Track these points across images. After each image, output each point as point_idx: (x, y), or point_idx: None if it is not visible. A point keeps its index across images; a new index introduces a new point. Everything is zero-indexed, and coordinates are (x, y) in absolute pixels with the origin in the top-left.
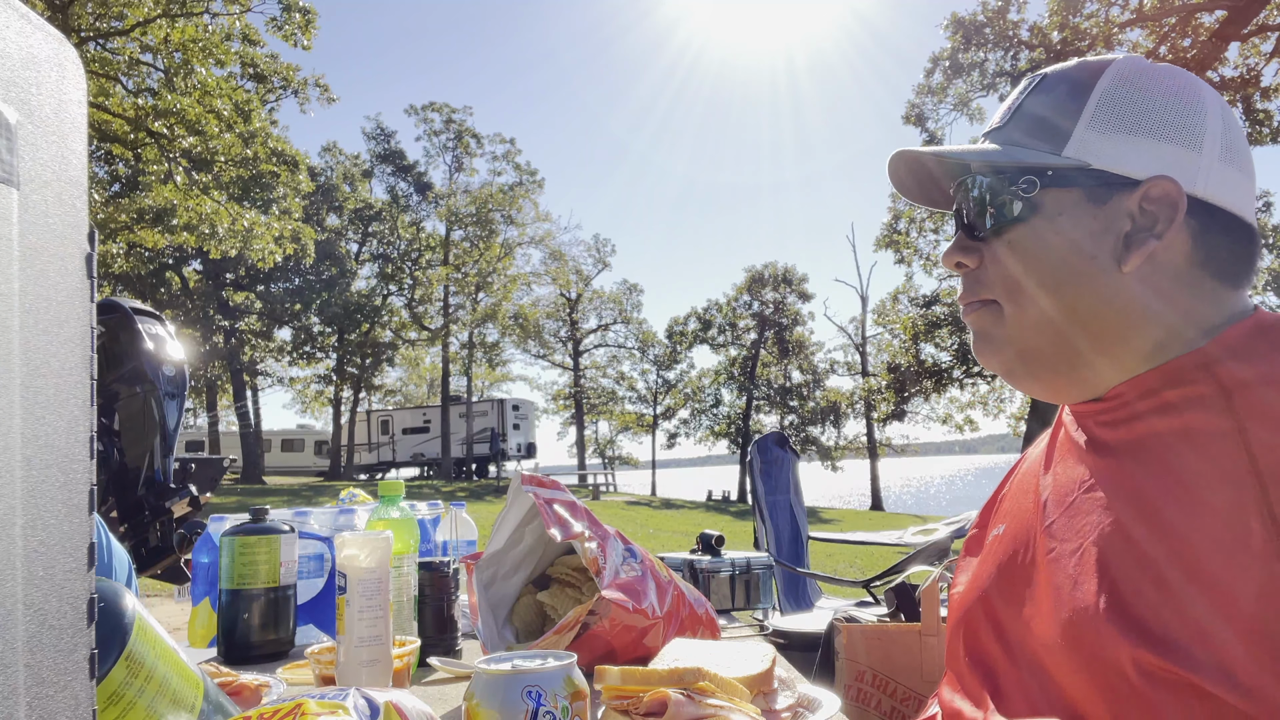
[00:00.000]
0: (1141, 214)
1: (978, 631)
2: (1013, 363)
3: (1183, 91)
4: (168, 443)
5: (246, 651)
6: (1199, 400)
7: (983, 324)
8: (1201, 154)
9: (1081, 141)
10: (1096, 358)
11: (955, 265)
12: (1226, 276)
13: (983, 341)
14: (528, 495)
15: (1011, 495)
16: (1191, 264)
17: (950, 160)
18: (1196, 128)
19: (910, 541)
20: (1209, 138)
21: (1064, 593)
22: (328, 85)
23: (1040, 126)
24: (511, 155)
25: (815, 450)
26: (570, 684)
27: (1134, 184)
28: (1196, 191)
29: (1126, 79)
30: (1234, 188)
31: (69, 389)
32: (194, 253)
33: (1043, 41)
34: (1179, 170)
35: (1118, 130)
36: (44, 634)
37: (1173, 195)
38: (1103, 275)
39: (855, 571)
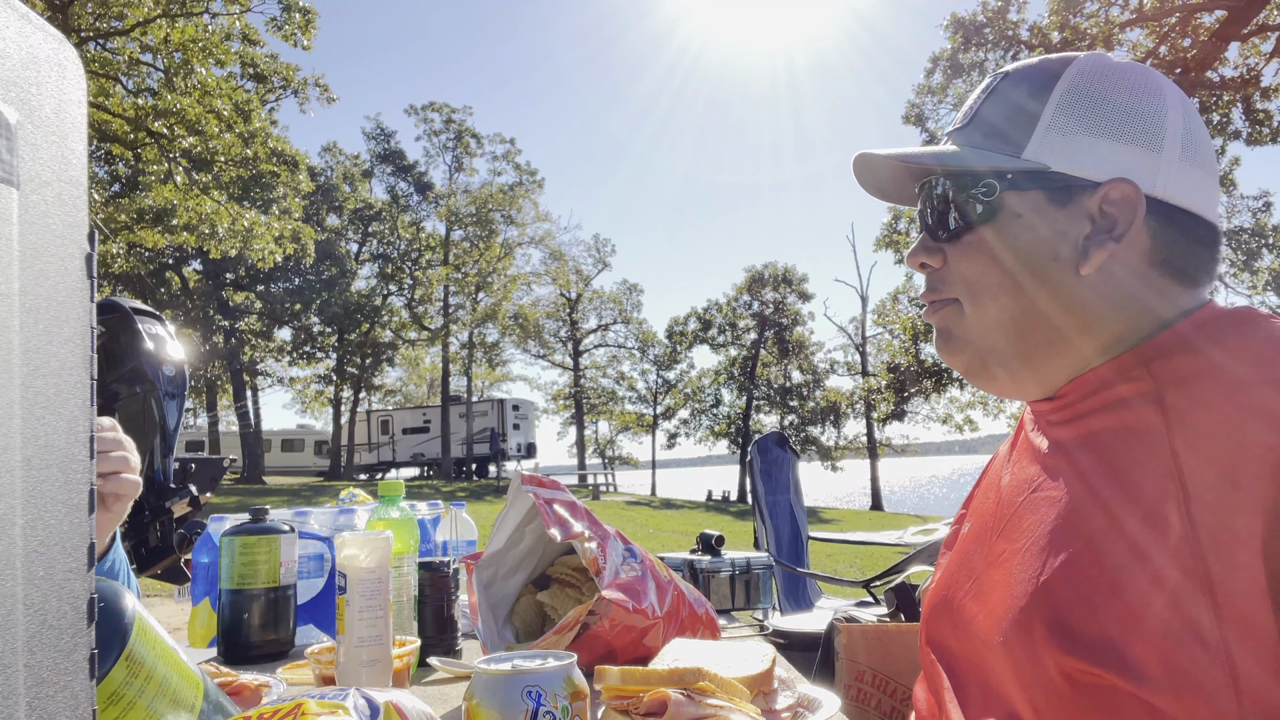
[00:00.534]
0: (1101, 216)
1: (941, 627)
2: (972, 361)
3: (1143, 91)
4: (168, 443)
5: (246, 651)
6: (1136, 398)
7: (945, 322)
8: (1161, 154)
9: (1041, 143)
10: (1052, 357)
11: (919, 266)
12: (1184, 275)
13: (944, 340)
14: (528, 495)
15: (979, 492)
16: (1150, 264)
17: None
18: (1156, 127)
19: (910, 541)
20: (1169, 137)
21: (1004, 594)
22: (328, 85)
23: (1000, 128)
24: (511, 155)
25: (815, 450)
26: (570, 684)
27: (1094, 186)
28: (1156, 192)
29: (1086, 79)
30: (1195, 187)
31: (69, 389)
32: (194, 253)
33: (1043, 41)
34: (1138, 171)
35: (1077, 132)
36: (44, 634)
37: (1131, 198)
38: (1061, 277)
39: (855, 571)
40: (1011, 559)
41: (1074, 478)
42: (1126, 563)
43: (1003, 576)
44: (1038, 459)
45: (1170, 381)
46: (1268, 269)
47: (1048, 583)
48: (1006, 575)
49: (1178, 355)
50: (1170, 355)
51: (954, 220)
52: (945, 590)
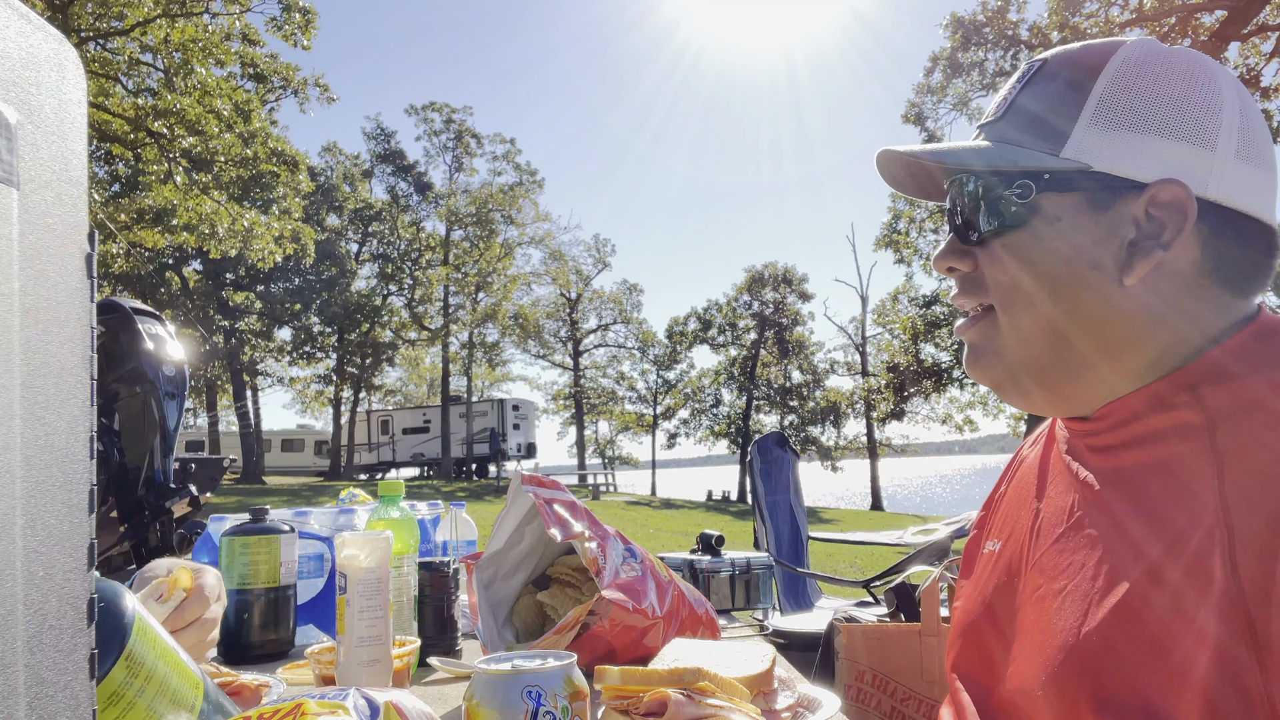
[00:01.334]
0: (1148, 220)
1: (972, 658)
2: (1003, 376)
3: (1196, 82)
4: (168, 443)
5: (246, 651)
6: (1183, 429)
7: (976, 337)
8: (1215, 152)
9: (1081, 141)
10: (1090, 373)
11: (948, 270)
12: (1237, 284)
13: (975, 354)
14: (528, 495)
15: (1007, 508)
16: (1200, 273)
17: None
18: (1210, 123)
19: (910, 541)
20: (1224, 133)
21: (1042, 640)
22: (328, 85)
23: (1037, 123)
24: (511, 155)
25: (815, 450)
26: (570, 684)
27: (1140, 187)
28: (1209, 194)
29: (1132, 69)
30: (1252, 187)
31: (69, 389)
32: (194, 253)
33: (1042, 41)
34: (1189, 171)
35: (1122, 128)
36: (44, 634)
37: (1181, 200)
38: (1103, 286)
39: (855, 571)
40: (1050, 601)
41: (1115, 518)
42: (1169, 621)
43: (1041, 619)
44: (1075, 487)
45: (1222, 415)
46: None
47: (1088, 638)
48: (1045, 619)
49: (1228, 381)
50: (1220, 380)
51: (986, 222)
52: (977, 617)
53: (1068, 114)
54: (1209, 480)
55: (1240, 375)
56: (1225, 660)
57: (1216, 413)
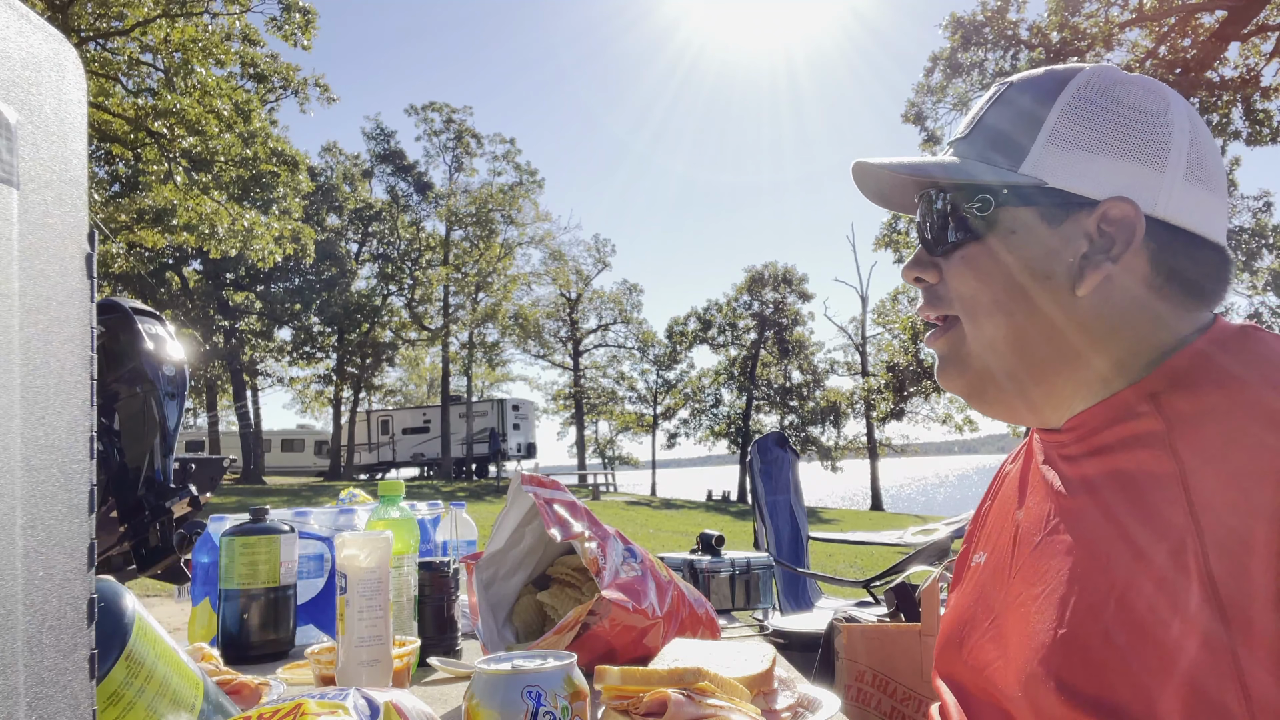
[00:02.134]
0: (1100, 235)
1: (956, 663)
2: (972, 385)
3: (1148, 106)
4: (168, 443)
5: (246, 651)
6: (1146, 438)
7: (944, 348)
8: (1164, 173)
9: (1039, 158)
10: (1051, 382)
11: (914, 280)
12: (1189, 298)
13: (943, 364)
14: (528, 495)
15: (993, 520)
16: (1149, 286)
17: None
18: (1160, 145)
19: (910, 541)
20: (1174, 155)
21: (1022, 643)
22: (328, 85)
23: (999, 140)
24: (511, 155)
25: (815, 450)
26: (570, 684)
27: (1092, 204)
28: (1156, 212)
29: (1089, 92)
30: (1198, 207)
31: (69, 389)
32: (194, 253)
33: (1042, 41)
34: (1139, 190)
35: (1077, 148)
36: (44, 634)
37: (1130, 218)
38: (1056, 296)
39: (855, 571)
40: (1029, 605)
41: (1089, 524)
42: (1145, 621)
43: (1021, 624)
44: (1051, 496)
45: (1181, 421)
46: (1268, 269)
47: (1061, 639)
48: (1025, 624)
49: (1186, 388)
50: (1178, 388)
51: (950, 234)
52: (962, 626)
53: (1027, 133)
54: (1174, 484)
55: (1197, 383)
56: (1202, 655)
57: (1176, 419)
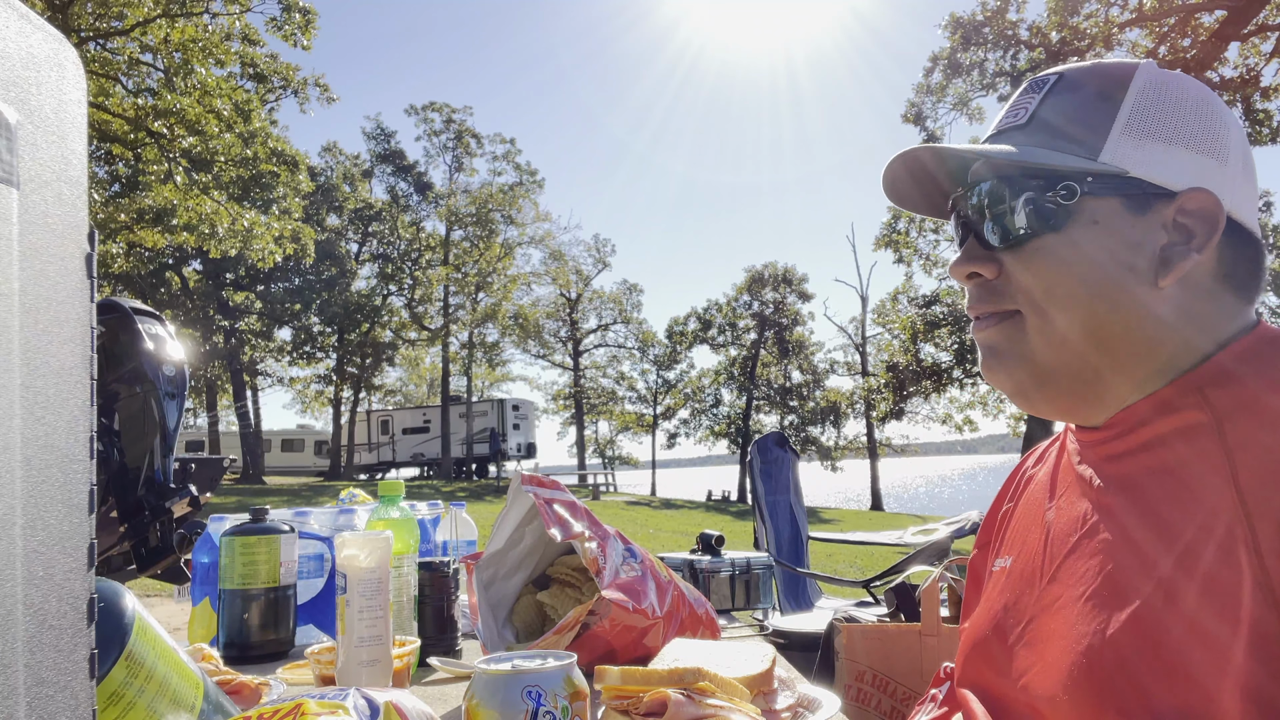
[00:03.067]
0: (1175, 227)
1: (983, 670)
2: (1027, 381)
3: (1208, 102)
4: (168, 443)
5: (246, 651)
6: (1194, 430)
7: (999, 338)
8: (1227, 166)
9: (1118, 147)
10: (1114, 376)
11: (967, 276)
12: (1243, 290)
13: (996, 358)
14: (528, 495)
15: (1018, 522)
16: (1216, 278)
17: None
18: (1223, 139)
19: (910, 541)
20: (1233, 150)
21: (1063, 646)
22: (328, 85)
23: (1070, 129)
24: (511, 155)
25: (815, 450)
26: (570, 684)
27: (1169, 195)
28: (1224, 205)
29: (1157, 85)
30: (1249, 201)
31: (69, 389)
32: (194, 253)
33: (1042, 41)
34: (1210, 182)
35: (1152, 138)
36: (44, 634)
37: (1211, 209)
38: (1138, 290)
39: (855, 571)
40: (1069, 607)
41: (1133, 523)
42: (1197, 620)
43: (1060, 626)
44: (1088, 494)
45: (1228, 412)
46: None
47: (1113, 641)
48: (1065, 626)
49: (1233, 382)
50: (1225, 382)
51: (1022, 225)
52: (989, 631)
53: (1100, 123)
54: (1223, 477)
55: (1245, 378)
56: (1263, 652)
57: (1223, 412)
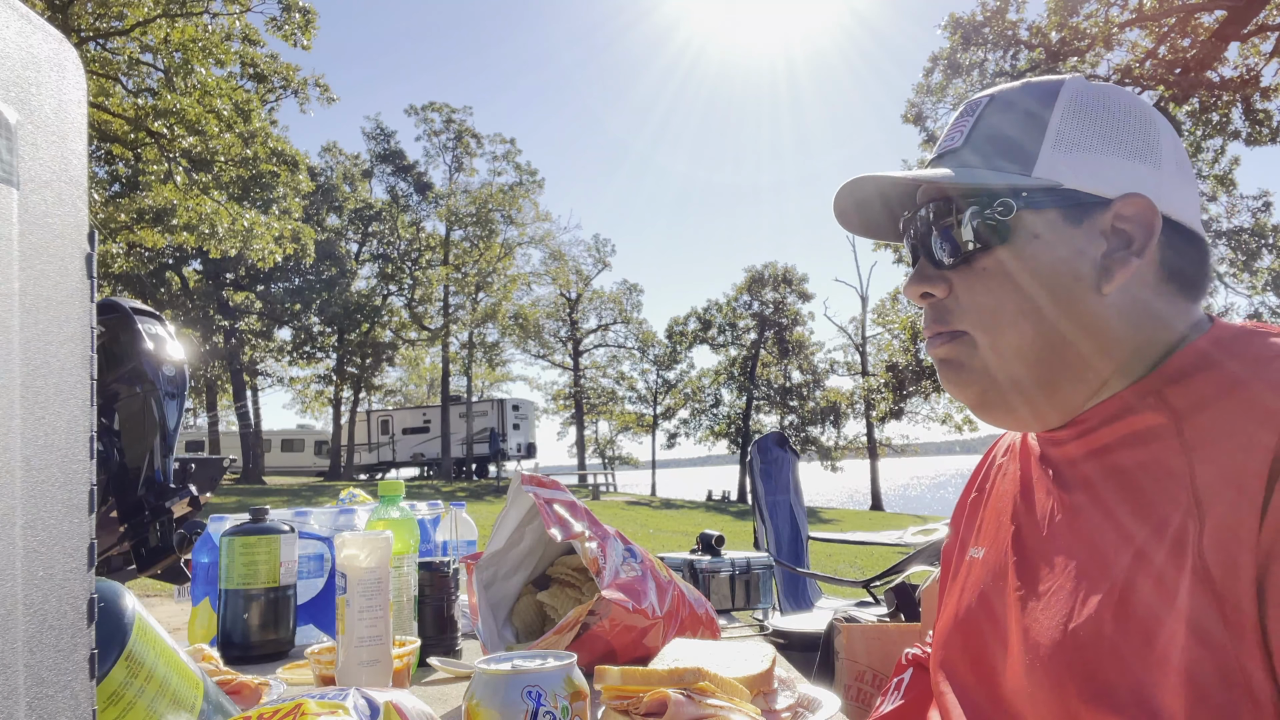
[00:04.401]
0: (1114, 233)
1: (958, 661)
2: (988, 393)
3: (1135, 109)
4: (168, 443)
5: (246, 651)
6: (1154, 431)
7: (954, 354)
8: (1161, 169)
9: (1050, 160)
10: (1073, 382)
11: (920, 296)
12: (1187, 290)
13: (953, 372)
14: (528, 495)
15: (991, 514)
16: (1156, 282)
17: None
18: (1154, 144)
19: (910, 541)
20: (1166, 153)
21: (1033, 638)
22: (328, 85)
23: (1002, 148)
24: (511, 155)
25: (815, 450)
26: (570, 684)
27: (1104, 203)
28: (1161, 207)
29: (1084, 96)
30: (1187, 201)
31: (69, 389)
32: (194, 253)
33: (1042, 41)
34: (1145, 187)
35: (1082, 149)
36: (44, 634)
37: (1147, 212)
38: (1084, 297)
39: (855, 571)
40: (1036, 602)
41: (1098, 517)
42: (1151, 612)
43: (1029, 619)
44: (1052, 494)
45: (1187, 410)
46: (1268, 269)
47: (1074, 633)
48: (1033, 619)
49: (1190, 382)
50: (1182, 382)
51: (966, 244)
52: (962, 623)
53: (1031, 139)
54: (1181, 473)
55: (1200, 380)
56: (1201, 642)
57: (1181, 412)
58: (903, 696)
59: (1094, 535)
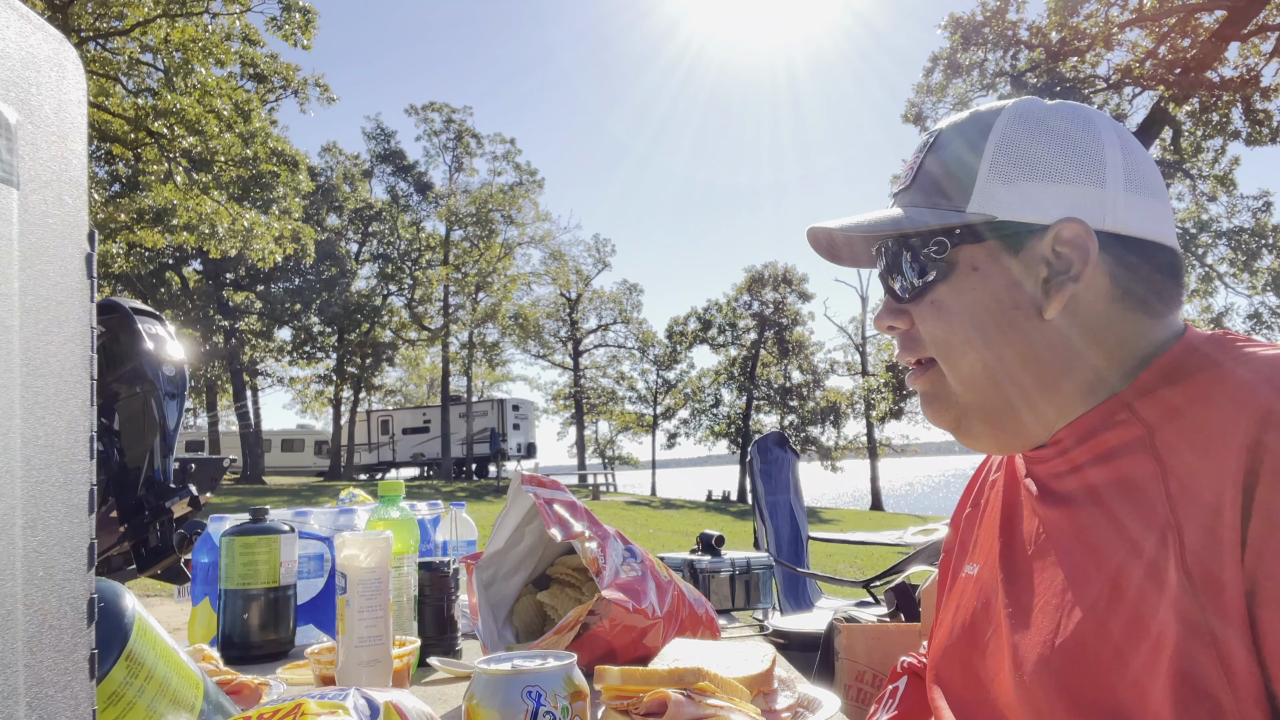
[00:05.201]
0: (1056, 258)
1: (954, 676)
2: (958, 419)
3: (1076, 128)
4: (168, 443)
5: (246, 651)
6: (1128, 444)
7: (926, 385)
8: (1105, 188)
9: (985, 194)
10: (1032, 408)
11: (888, 329)
12: (1151, 304)
13: (929, 400)
14: (528, 495)
15: (983, 532)
16: (1112, 299)
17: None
18: (1095, 162)
19: (910, 541)
20: (1110, 169)
21: (1020, 654)
22: (328, 85)
23: (942, 184)
24: (511, 155)
25: (815, 450)
26: (570, 684)
27: (1043, 229)
28: (1106, 226)
29: (1017, 125)
30: (1145, 213)
31: (69, 389)
32: (194, 253)
33: (1042, 41)
34: (1085, 208)
35: (1018, 178)
36: (44, 634)
37: (1081, 236)
38: (1026, 324)
39: (855, 571)
40: (1023, 619)
41: (1077, 537)
42: (1133, 627)
43: (1016, 636)
44: (1037, 512)
45: (1158, 422)
46: (1268, 269)
47: (1060, 649)
48: (1020, 636)
49: (1160, 392)
50: (1153, 393)
51: (913, 280)
52: (957, 640)
53: (967, 173)
54: (1156, 486)
55: (1172, 387)
56: (1186, 663)
57: (1153, 424)
58: (896, 707)
59: (1074, 553)
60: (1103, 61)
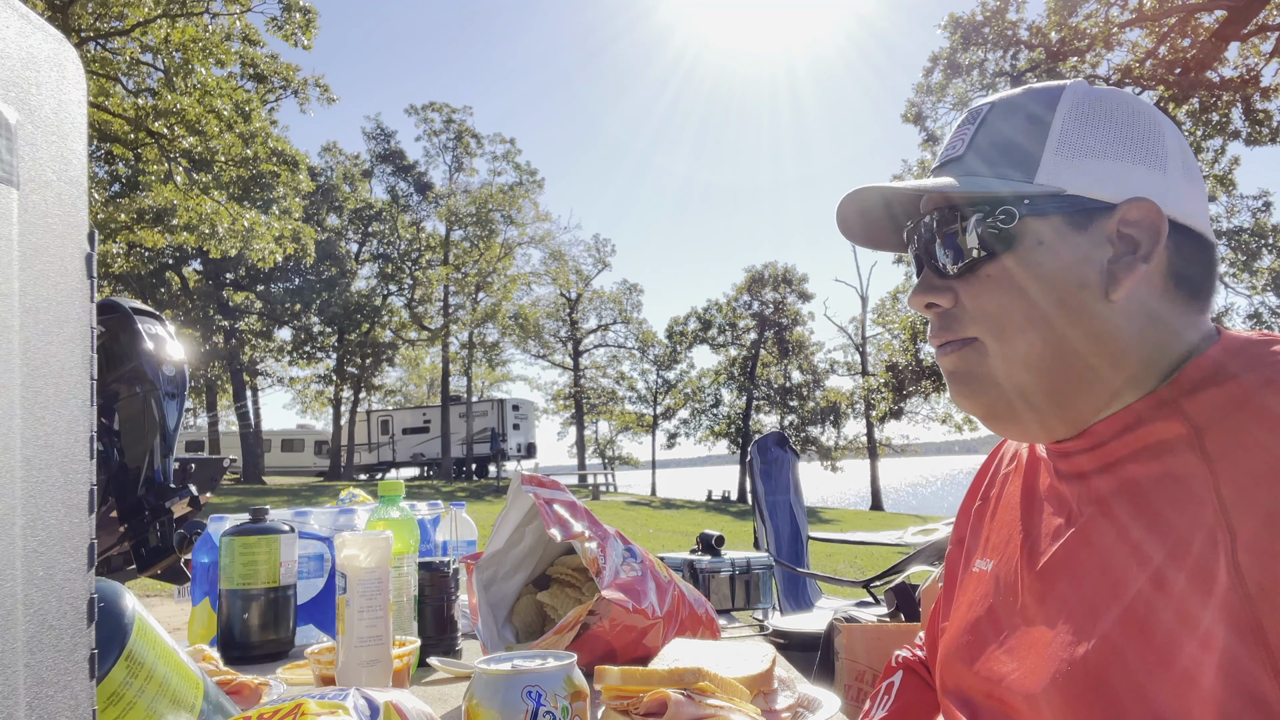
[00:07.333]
0: (1120, 238)
1: (964, 677)
2: (997, 404)
3: (1140, 112)
4: (168, 443)
5: (246, 651)
6: (1171, 443)
7: (964, 364)
8: (1167, 173)
9: (1052, 167)
10: (1082, 393)
11: (925, 306)
12: (1196, 295)
13: (963, 383)
14: (528, 495)
15: (999, 525)
16: (1168, 286)
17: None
18: (1159, 147)
19: (910, 541)
20: (1171, 156)
21: (1048, 653)
22: (328, 85)
23: (1005, 155)
24: (511, 155)
25: (815, 450)
26: (570, 684)
27: (1109, 208)
28: (1168, 211)
29: (1085, 102)
30: (1195, 205)
31: (69, 389)
32: (194, 253)
33: (1042, 41)
34: (1150, 191)
35: (1086, 154)
36: (44, 634)
37: (1153, 217)
38: (1092, 302)
39: (855, 571)
40: (1049, 618)
41: (1112, 535)
42: (1175, 630)
43: (1040, 637)
44: (1062, 511)
45: (1208, 422)
46: (1268, 269)
47: (1094, 649)
48: (1045, 638)
49: (1206, 392)
50: (1200, 393)
51: (970, 252)
52: (969, 638)
53: (1033, 145)
54: (1205, 486)
55: (1217, 387)
56: (1234, 665)
57: (1202, 424)
58: (893, 702)
59: (1108, 552)
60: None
